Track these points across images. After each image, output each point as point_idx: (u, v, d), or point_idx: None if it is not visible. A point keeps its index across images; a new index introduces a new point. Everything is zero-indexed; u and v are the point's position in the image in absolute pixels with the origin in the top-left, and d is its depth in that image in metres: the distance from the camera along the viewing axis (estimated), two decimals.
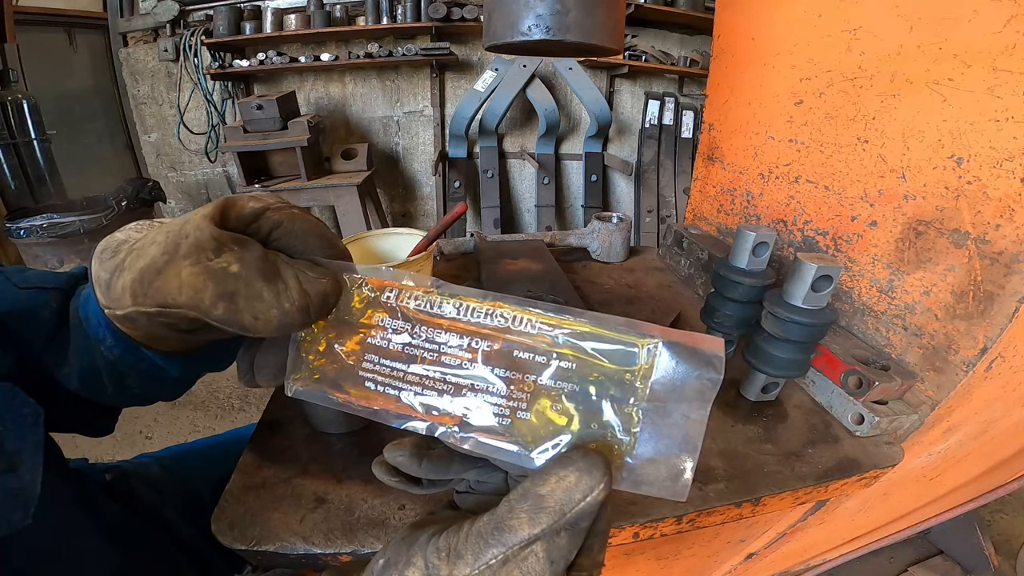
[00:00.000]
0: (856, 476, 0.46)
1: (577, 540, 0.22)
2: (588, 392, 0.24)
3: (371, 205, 2.50)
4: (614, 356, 0.24)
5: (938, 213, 0.46)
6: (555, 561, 0.22)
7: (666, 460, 0.23)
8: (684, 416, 0.23)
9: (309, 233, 0.28)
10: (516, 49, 0.51)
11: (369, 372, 0.26)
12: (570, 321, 0.25)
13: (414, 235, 0.73)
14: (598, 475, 0.21)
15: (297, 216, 0.28)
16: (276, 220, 0.27)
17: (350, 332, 0.27)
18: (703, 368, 0.23)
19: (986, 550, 1.22)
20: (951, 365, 0.46)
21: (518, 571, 0.21)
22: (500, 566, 0.21)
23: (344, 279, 0.28)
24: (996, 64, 0.40)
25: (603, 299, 0.71)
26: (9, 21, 2.18)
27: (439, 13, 2.26)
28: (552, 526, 0.21)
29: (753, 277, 0.53)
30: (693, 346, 0.23)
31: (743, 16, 0.73)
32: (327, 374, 0.27)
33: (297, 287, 0.25)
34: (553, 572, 0.22)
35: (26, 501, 0.29)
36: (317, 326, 0.27)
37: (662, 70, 2.60)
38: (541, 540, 0.21)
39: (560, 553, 0.22)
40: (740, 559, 0.77)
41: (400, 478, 0.29)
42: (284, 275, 0.25)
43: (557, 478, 0.22)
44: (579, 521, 0.22)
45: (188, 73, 2.57)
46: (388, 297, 0.27)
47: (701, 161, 0.88)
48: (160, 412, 2.03)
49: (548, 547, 0.21)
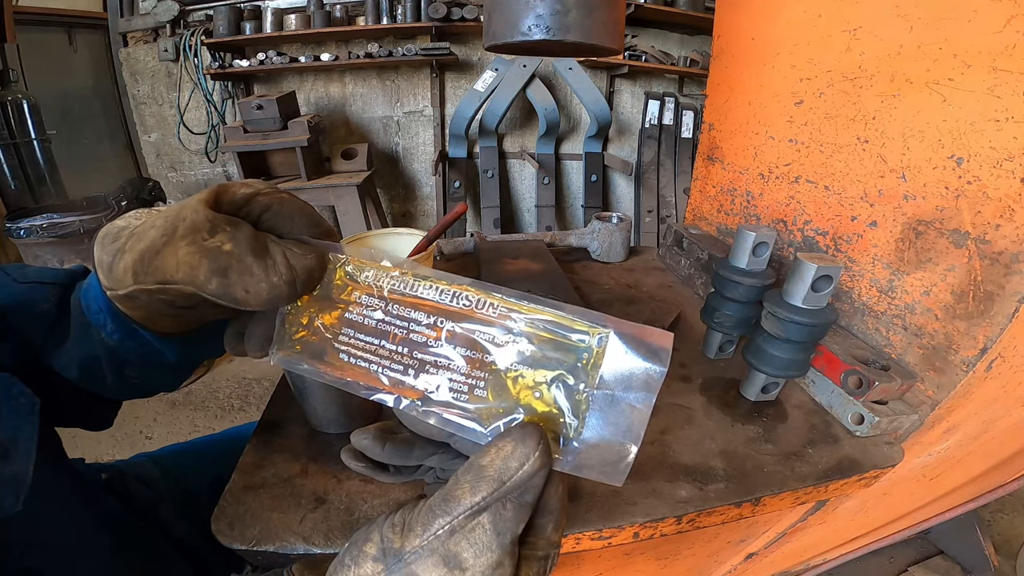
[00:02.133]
0: (856, 476, 0.46)
1: (523, 513, 0.23)
2: (542, 375, 0.25)
3: (371, 205, 2.50)
4: (568, 342, 0.25)
5: (938, 213, 0.46)
6: (501, 533, 0.22)
7: (610, 446, 0.24)
8: (630, 405, 0.24)
9: (296, 213, 0.30)
10: (516, 49, 0.51)
11: (344, 345, 0.28)
12: (529, 307, 0.26)
13: (414, 235, 0.73)
14: (532, 443, 0.22)
15: (285, 199, 0.30)
16: (265, 203, 0.29)
17: (330, 307, 0.29)
18: (651, 360, 0.24)
19: (986, 550, 1.22)
20: (951, 365, 0.46)
21: (465, 541, 0.22)
22: (448, 536, 0.22)
23: (328, 257, 0.29)
24: (996, 64, 0.40)
25: (603, 299, 0.71)
26: (9, 21, 2.18)
27: (439, 13, 2.26)
28: (494, 495, 0.22)
29: (753, 277, 0.53)
30: (642, 338, 0.24)
31: (743, 16, 0.73)
32: (308, 345, 0.29)
33: (284, 263, 0.27)
34: (500, 544, 0.22)
35: (17, 488, 0.30)
36: (301, 301, 0.29)
37: (662, 70, 2.60)
38: (487, 512, 0.22)
39: (507, 525, 0.23)
40: (740, 559, 0.77)
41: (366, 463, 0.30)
42: (272, 252, 0.27)
43: (496, 449, 0.23)
44: (524, 493, 0.23)
45: (188, 73, 2.57)
46: (367, 276, 0.28)
47: (701, 161, 0.88)
48: (160, 412, 2.03)
49: (494, 519, 0.22)
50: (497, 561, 0.22)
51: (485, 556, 0.22)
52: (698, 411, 0.53)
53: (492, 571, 0.22)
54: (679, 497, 0.42)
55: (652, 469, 0.45)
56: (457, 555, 0.22)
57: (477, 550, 0.22)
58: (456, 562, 0.22)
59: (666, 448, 0.48)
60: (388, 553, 0.23)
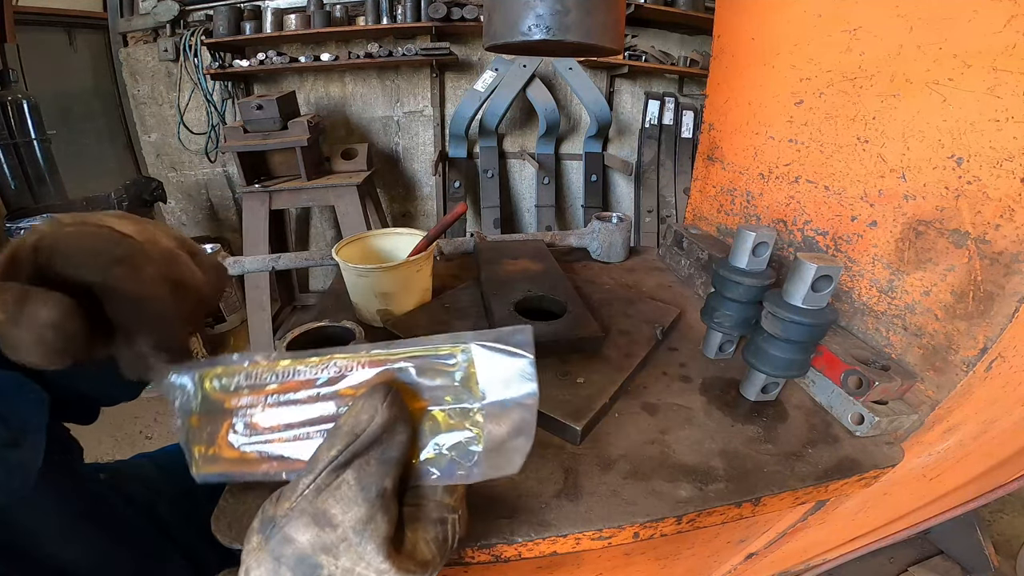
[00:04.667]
0: (856, 476, 0.46)
1: (388, 468, 0.24)
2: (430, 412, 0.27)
3: (371, 205, 2.49)
4: (444, 367, 0.27)
5: (938, 213, 0.46)
6: (366, 487, 0.24)
7: (508, 446, 0.26)
8: (518, 404, 0.26)
9: (73, 252, 0.28)
10: (516, 49, 0.51)
11: (250, 444, 0.29)
12: (395, 353, 0.28)
13: (414, 235, 0.73)
14: (379, 396, 0.24)
15: (61, 238, 0.28)
16: (47, 246, 0.28)
17: (221, 418, 0.30)
18: (516, 355, 0.26)
19: (986, 550, 1.22)
20: (951, 365, 0.46)
21: (332, 499, 0.23)
22: (315, 495, 0.23)
23: (199, 376, 0.31)
24: (996, 64, 0.40)
25: (603, 299, 0.71)
26: (9, 21, 2.18)
27: (439, 13, 2.25)
28: (350, 448, 0.24)
29: (753, 277, 0.53)
30: (500, 338, 0.27)
31: (743, 16, 0.73)
32: (219, 456, 0.30)
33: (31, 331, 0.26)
34: (366, 498, 0.23)
35: (26, 474, 0.32)
36: (194, 421, 0.31)
37: (662, 70, 2.60)
38: (351, 468, 0.24)
39: (371, 479, 0.24)
40: (740, 559, 0.77)
41: None
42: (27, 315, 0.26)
43: (349, 409, 0.25)
44: (386, 448, 0.24)
45: (188, 73, 2.57)
46: (237, 382, 0.30)
47: (701, 161, 0.88)
48: (160, 412, 2.03)
49: (358, 474, 0.24)
50: (366, 515, 0.23)
51: (352, 511, 0.23)
52: (698, 411, 0.53)
53: (363, 526, 0.23)
54: (679, 497, 0.42)
55: (652, 469, 0.45)
56: (326, 512, 0.23)
57: (344, 506, 0.23)
58: (326, 519, 0.23)
59: (666, 448, 0.48)
60: (265, 522, 0.24)
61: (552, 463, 0.46)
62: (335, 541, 0.23)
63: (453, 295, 0.73)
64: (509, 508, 0.41)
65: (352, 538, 0.23)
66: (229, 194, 2.96)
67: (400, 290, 0.66)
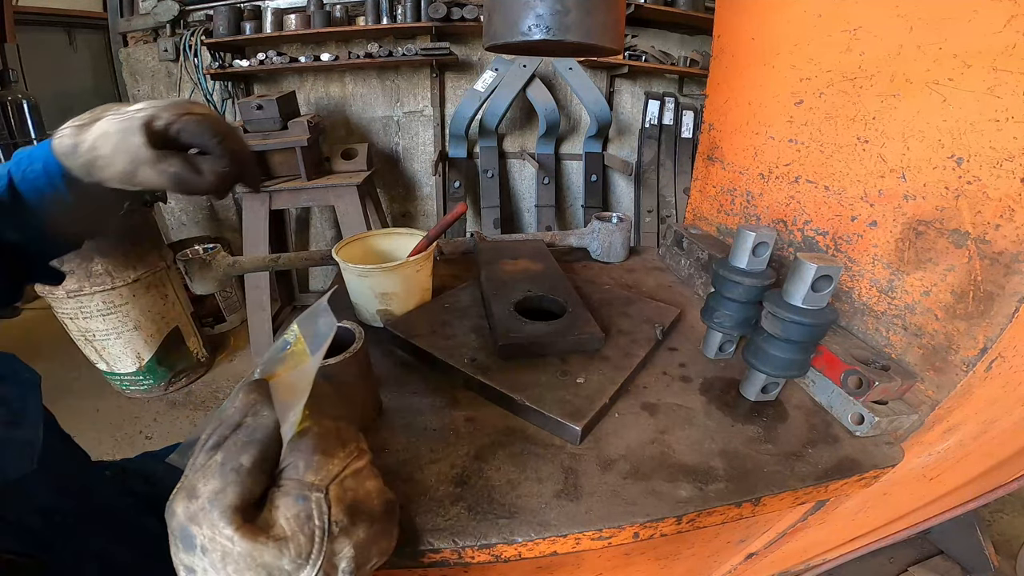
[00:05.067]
0: (856, 476, 0.46)
1: (251, 448, 0.28)
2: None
3: (371, 205, 2.49)
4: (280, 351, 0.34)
5: (938, 213, 0.46)
6: (224, 463, 0.27)
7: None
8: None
9: (195, 129, 0.43)
10: (516, 49, 0.51)
11: None
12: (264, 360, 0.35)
13: (414, 235, 0.73)
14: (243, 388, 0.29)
15: (190, 122, 0.43)
16: (179, 128, 0.43)
17: None
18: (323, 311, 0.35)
19: (986, 550, 1.22)
20: (951, 365, 0.46)
21: (200, 475, 0.27)
22: (192, 473, 0.27)
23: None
24: (996, 64, 0.40)
25: (603, 299, 0.71)
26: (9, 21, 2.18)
27: (439, 13, 2.25)
28: (218, 432, 0.28)
29: (753, 277, 0.53)
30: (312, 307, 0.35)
31: (743, 16, 0.73)
32: None
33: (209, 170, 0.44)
34: (221, 472, 0.27)
35: (31, 451, 0.35)
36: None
37: (662, 70, 2.60)
38: (221, 449, 0.27)
39: (230, 456, 0.27)
40: (740, 559, 0.77)
41: None
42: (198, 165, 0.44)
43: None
44: (253, 431, 0.28)
45: (188, 73, 2.57)
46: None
47: (701, 161, 0.88)
48: (160, 412, 2.03)
49: (225, 454, 0.27)
50: (219, 487, 0.26)
51: (210, 484, 0.26)
52: (698, 411, 0.53)
53: (215, 495, 0.26)
54: (679, 497, 0.42)
55: (652, 469, 0.45)
56: (194, 487, 0.27)
57: (205, 480, 0.27)
58: (194, 493, 0.27)
59: (666, 448, 0.48)
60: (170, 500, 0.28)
61: (552, 463, 0.46)
62: (196, 511, 0.26)
63: (453, 295, 0.73)
64: (509, 508, 0.41)
65: (207, 507, 0.26)
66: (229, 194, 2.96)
67: (400, 290, 0.66)
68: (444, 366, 0.57)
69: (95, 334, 1.91)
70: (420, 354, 0.60)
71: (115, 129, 0.41)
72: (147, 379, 2.07)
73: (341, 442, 0.31)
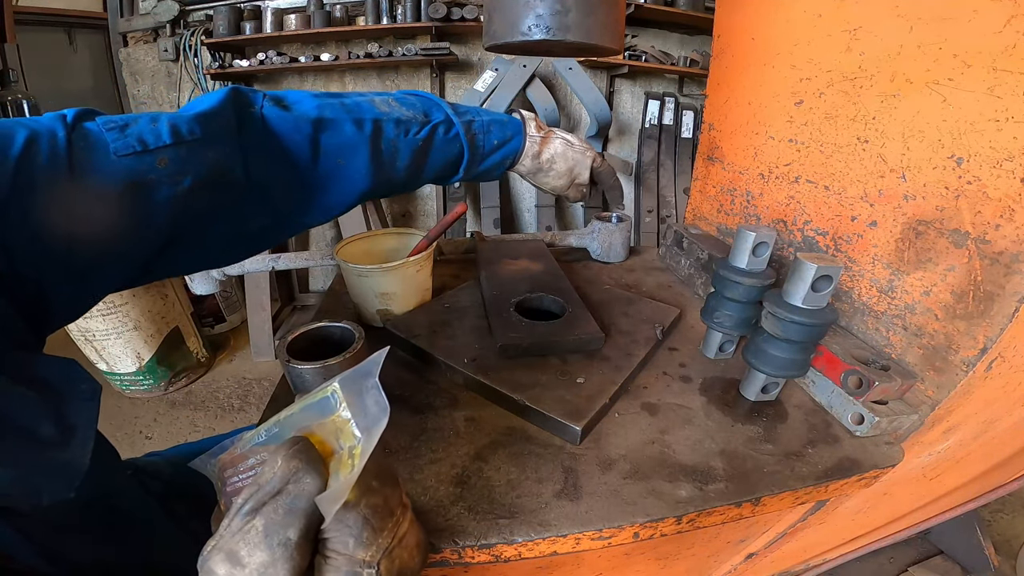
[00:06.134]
0: (856, 476, 0.46)
1: (295, 518, 0.26)
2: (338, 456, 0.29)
3: (371, 205, 2.50)
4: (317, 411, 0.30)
5: (938, 213, 0.46)
6: (270, 534, 0.25)
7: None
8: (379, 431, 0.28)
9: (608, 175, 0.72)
10: (516, 49, 0.51)
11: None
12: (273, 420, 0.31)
13: (414, 235, 0.73)
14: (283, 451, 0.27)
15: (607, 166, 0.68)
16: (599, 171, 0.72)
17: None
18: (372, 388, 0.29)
19: (986, 550, 1.22)
20: (951, 365, 0.46)
21: (241, 541, 0.25)
22: (229, 537, 0.26)
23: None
24: (996, 64, 0.40)
25: (603, 299, 0.71)
26: (9, 21, 2.17)
27: (439, 13, 2.25)
28: (254, 496, 0.26)
29: (753, 277, 0.53)
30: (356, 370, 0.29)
31: (743, 16, 0.73)
32: None
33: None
34: (268, 544, 0.25)
35: (71, 475, 0.31)
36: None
37: (662, 70, 2.60)
38: (260, 515, 0.26)
39: (275, 527, 0.26)
40: (740, 559, 0.77)
41: None
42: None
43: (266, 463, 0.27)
44: (295, 499, 0.26)
45: (188, 73, 2.57)
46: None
47: (701, 161, 0.88)
48: (160, 412, 2.03)
49: (266, 522, 0.26)
50: (268, 560, 0.25)
51: (256, 555, 0.25)
52: (698, 411, 0.53)
53: (264, 569, 0.25)
54: (679, 497, 0.42)
55: (652, 469, 0.45)
56: (236, 552, 0.25)
57: (249, 549, 0.25)
58: (236, 559, 0.25)
59: (666, 448, 0.48)
60: (202, 555, 0.27)
61: (552, 463, 0.46)
62: None
63: (453, 295, 0.73)
64: (509, 508, 0.41)
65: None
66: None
67: (400, 290, 0.66)
68: (444, 366, 0.57)
69: (95, 334, 1.91)
70: (420, 354, 0.60)
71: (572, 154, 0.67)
72: (147, 379, 2.07)
73: (389, 511, 0.29)
